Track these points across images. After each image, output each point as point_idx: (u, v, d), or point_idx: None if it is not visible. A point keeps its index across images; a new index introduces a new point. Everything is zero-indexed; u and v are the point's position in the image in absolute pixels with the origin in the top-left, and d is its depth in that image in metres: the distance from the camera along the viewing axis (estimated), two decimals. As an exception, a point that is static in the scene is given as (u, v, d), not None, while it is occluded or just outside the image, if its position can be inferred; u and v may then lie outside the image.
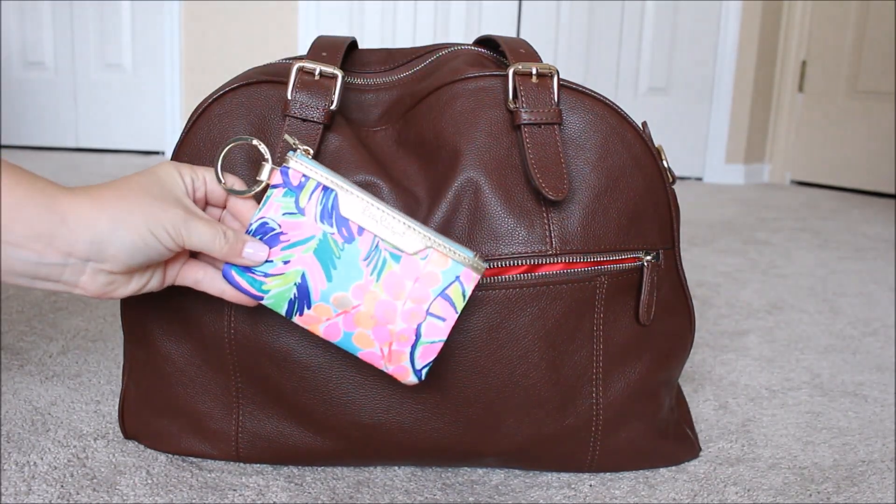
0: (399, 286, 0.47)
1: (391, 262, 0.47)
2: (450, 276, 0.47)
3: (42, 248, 0.42)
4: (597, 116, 0.54)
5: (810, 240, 1.63)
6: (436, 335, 0.47)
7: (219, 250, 0.46)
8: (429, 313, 0.47)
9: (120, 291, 0.46)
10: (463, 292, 0.47)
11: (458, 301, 0.47)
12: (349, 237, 0.47)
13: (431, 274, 0.47)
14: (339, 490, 0.54)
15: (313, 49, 0.57)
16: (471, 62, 0.56)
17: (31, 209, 0.42)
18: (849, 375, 0.82)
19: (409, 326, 0.47)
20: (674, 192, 0.59)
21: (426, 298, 0.47)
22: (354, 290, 0.47)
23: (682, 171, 2.71)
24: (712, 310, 1.05)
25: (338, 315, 0.47)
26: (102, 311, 0.92)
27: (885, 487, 0.58)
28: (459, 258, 0.47)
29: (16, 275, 0.43)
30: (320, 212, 0.47)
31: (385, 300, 0.47)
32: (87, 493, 0.52)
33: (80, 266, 0.44)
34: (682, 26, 2.62)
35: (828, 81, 2.61)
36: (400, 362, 0.47)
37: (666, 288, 0.57)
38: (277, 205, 0.47)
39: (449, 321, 0.47)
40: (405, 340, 0.47)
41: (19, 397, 0.67)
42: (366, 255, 0.47)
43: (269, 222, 0.47)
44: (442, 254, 0.47)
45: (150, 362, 0.56)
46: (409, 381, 0.47)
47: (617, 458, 0.57)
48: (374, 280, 0.47)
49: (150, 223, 0.44)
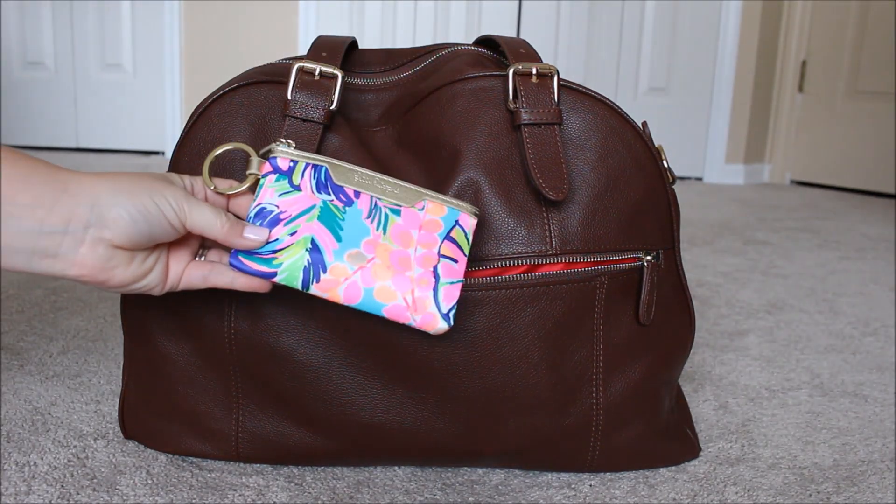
0: (406, 235, 0.48)
1: (393, 216, 0.49)
2: (450, 221, 0.49)
3: (43, 214, 0.42)
4: (597, 116, 0.54)
5: (810, 240, 1.63)
6: (453, 276, 0.48)
7: (220, 229, 0.46)
8: (441, 255, 0.48)
9: (119, 273, 0.45)
10: (465, 235, 0.49)
11: (463, 244, 0.49)
12: (348, 201, 0.48)
13: (432, 221, 0.49)
14: (339, 490, 0.54)
15: (313, 49, 0.57)
16: (471, 62, 0.56)
17: (35, 178, 0.42)
18: (849, 375, 0.82)
19: (426, 270, 0.48)
20: (674, 192, 0.59)
21: (434, 242, 0.49)
22: (366, 245, 0.48)
23: (682, 171, 2.71)
24: (712, 310, 1.05)
25: (355, 272, 0.47)
26: (102, 311, 0.92)
27: (885, 487, 0.58)
28: (454, 205, 0.49)
29: (14, 251, 0.42)
30: (315, 184, 0.49)
31: (397, 250, 0.48)
32: (87, 493, 0.52)
33: (79, 234, 0.43)
34: (682, 26, 2.62)
35: (828, 81, 2.61)
36: (426, 309, 0.47)
37: (666, 288, 0.57)
38: (271, 189, 0.48)
39: (461, 262, 0.49)
40: (426, 284, 0.48)
41: (19, 397, 0.67)
42: (367, 213, 0.48)
43: (265, 206, 0.48)
44: (437, 203, 0.49)
45: (150, 362, 0.56)
46: (438, 329, 0.47)
47: (617, 458, 0.57)
48: (381, 233, 0.48)
49: (154, 194, 0.44)
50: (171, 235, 0.46)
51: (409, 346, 0.51)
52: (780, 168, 2.78)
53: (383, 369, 0.52)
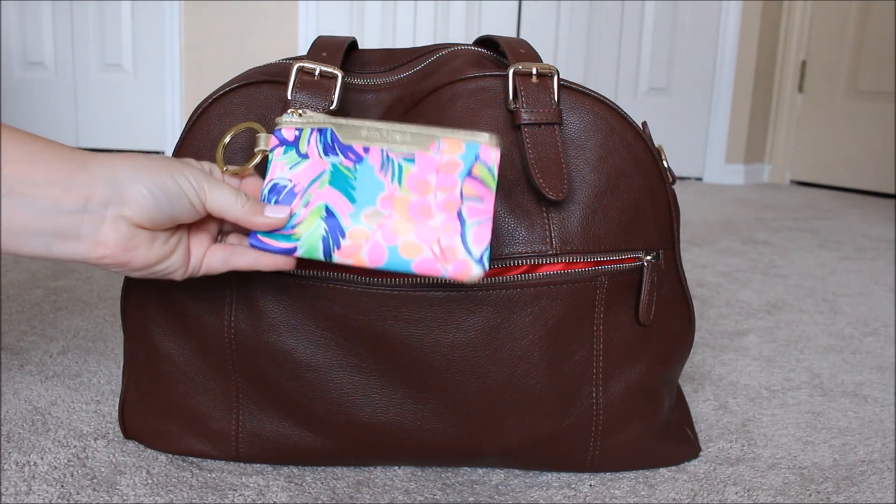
0: (424, 183, 0.46)
1: (407, 165, 0.46)
2: (469, 158, 0.46)
3: (60, 193, 0.41)
4: (597, 116, 0.54)
5: (810, 240, 1.63)
6: (480, 216, 0.46)
7: (240, 209, 0.45)
8: (463, 197, 0.46)
9: (141, 254, 0.44)
10: (489, 170, 0.46)
11: (487, 179, 0.46)
12: (357, 158, 0.47)
13: (450, 162, 0.46)
14: (339, 490, 0.54)
15: (313, 49, 0.57)
16: (471, 62, 0.56)
17: (50, 155, 0.41)
18: (849, 375, 0.82)
19: (449, 215, 0.46)
20: (674, 192, 0.59)
21: (454, 184, 0.46)
22: (382, 202, 0.46)
23: (682, 171, 2.71)
24: (712, 310, 1.05)
25: (375, 231, 0.45)
26: (102, 311, 0.92)
27: (885, 487, 0.58)
28: (471, 139, 0.46)
29: (32, 234, 0.41)
30: (322, 148, 0.47)
31: (416, 200, 0.46)
32: (87, 493, 0.52)
33: (100, 212, 0.42)
34: (682, 26, 2.62)
35: (828, 81, 2.61)
36: (456, 257, 0.45)
37: (666, 288, 0.57)
38: (281, 163, 0.47)
39: (487, 200, 0.46)
40: (452, 230, 0.45)
41: (19, 397, 0.67)
42: (380, 167, 0.46)
43: (278, 182, 0.47)
44: (453, 141, 0.46)
45: (150, 362, 0.56)
46: (473, 276, 0.45)
47: (617, 458, 0.57)
48: (397, 186, 0.46)
49: (173, 171, 0.44)
50: (191, 215, 0.45)
51: (409, 346, 0.51)
52: (780, 168, 2.78)
53: (383, 369, 0.52)
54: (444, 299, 0.51)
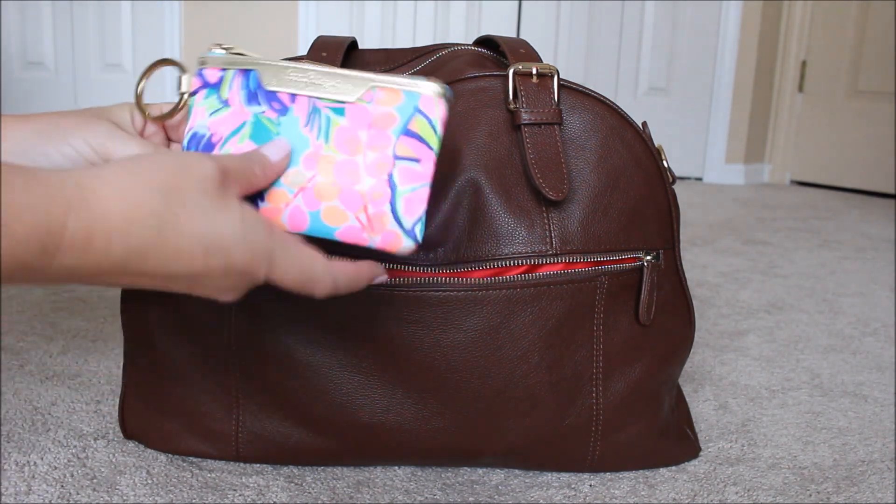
0: (353, 140, 0.40)
1: (335, 118, 0.41)
2: (407, 110, 0.40)
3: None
4: (597, 116, 0.54)
5: (810, 240, 1.63)
6: (415, 180, 0.40)
7: None
8: (396, 157, 0.40)
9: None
10: (431, 125, 0.40)
11: (428, 136, 0.40)
12: (282, 109, 0.42)
13: (385, 115, 0.40)
14: (339, 490, 0.54)
15: (313, 49, 0.56)
16: (471, 62, 0.56)
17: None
18: (849, 375, 0.82)
19: (378, 180, 0.40)
20: (674, 192, 0.59)
21: (387, 142, 0.40)
22: (305, 161, 0.41)
23: (682, 171, 2.71)
24: (712, 310, 1.05)
25: (296, 195, 0.40)
26: (102, 312, 0.92)
27: (885, 487, 0.58)
28: (411, 88, 0.40)
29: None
30: (245, 96, 0.42)
31: (342, 160, 0.40)
32: (87, 493, 0.52)
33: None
34: (682, 26, 2.62)
35: (828, 81, 2.61)
36: (384, 226, 0.40)
37: (666, 288, 0.57)
38: (201, 109, 0.43)
39: (425, 161, 0.40)
40: (380, 197, 0.40)
41: (19, 397, 0.67)
42: (305, 120, 0.41)
43: (197, 131, 0.43)
44: (390, 89, 0.40)
45: (150, 362, 0.56)
46: (403, 249, 0.40)
47: (617, 458, 0.57)
48: (322, 143, 0.41)
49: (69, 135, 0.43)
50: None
51: (409, 346, 0.51)
52: (780, 168, 2.78)
53: (383, 369, 0.52)
54: (444, 299, 0.51)
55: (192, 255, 0.36)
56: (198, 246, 0.36)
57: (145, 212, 0.34)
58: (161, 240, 0.35)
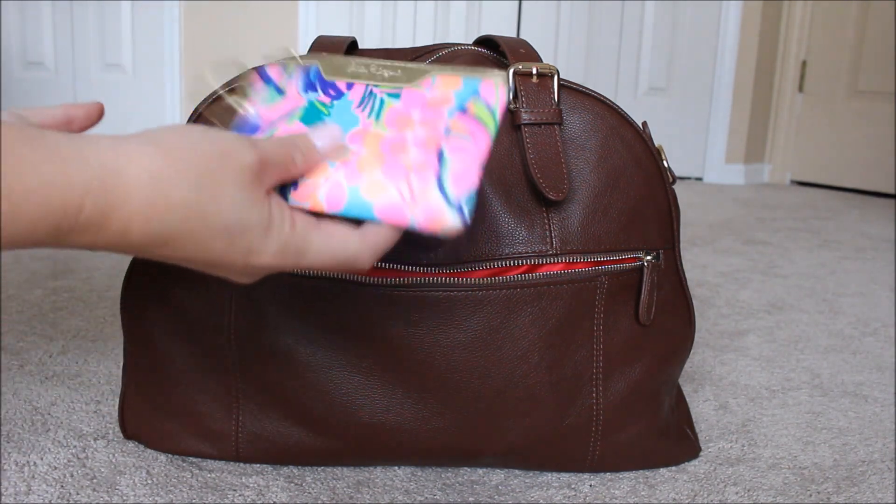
0: (404, 118, 0.39)
1: (390, 100, 0.40)
2: (465, 94, 0.39)
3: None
4: (597, 116, 0.54)
5: (810, 240, 1.63)
6: (466, 157, 0.37)
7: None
8: (448, 132, 0.38)
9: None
10: (489, 109, 0.38)
11: (485, 117, 0.38)
12: (337, 94, 0.40)
13: (441, 97, 0.39)
14: (339, 490, 0.54)
15: (313, 49, 0.56)
16: (471, 62, 0.56)
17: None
18: (849, 375, 0.82)
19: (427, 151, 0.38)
20: (674, 192, 0.59)
21: (440, 118, 0.38)
22: (352, 137, 0.39)
23: (682, 171, 2.71)
24: (712, 310, 1.05)
25: (337, 168, 0.38)
26: (102, 312, 0.92)
27: (885, 487, 0.58)
28: (474, 74, 0.39)
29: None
30: (303, 85, 0.42)
31: (390, 136, 0.38)
32: (87, 493, 0.52)
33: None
34: (682, 26, 2.62)
35: (828, 81, 2.61)
36: (428, 198, 0.37)
37: (666, 288, 0.57)
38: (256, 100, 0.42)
39: (479, 139, 0.38)
40: (426, 169, 0.37)
41: (19, 397, 0.67)
42: (359, 102, 0.40)
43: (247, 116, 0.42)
44: (449, 76, 0.39)
45: (150, 362, 0.56)
46: (448, 227, 0.37)
47: (617, 458, 0.57)
48: (373, 121, 0.39)
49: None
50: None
51: (409, 346, 0.51)
52: (780, 168, 2.78)
53: (383, 369, 0.52)
54: (444, 299, 0.51)
55: (212, 246, 0.35)
56: (220, 240, 0.35)
57: (174, 201, 0.33)
58: (186, 228, 0.34)
